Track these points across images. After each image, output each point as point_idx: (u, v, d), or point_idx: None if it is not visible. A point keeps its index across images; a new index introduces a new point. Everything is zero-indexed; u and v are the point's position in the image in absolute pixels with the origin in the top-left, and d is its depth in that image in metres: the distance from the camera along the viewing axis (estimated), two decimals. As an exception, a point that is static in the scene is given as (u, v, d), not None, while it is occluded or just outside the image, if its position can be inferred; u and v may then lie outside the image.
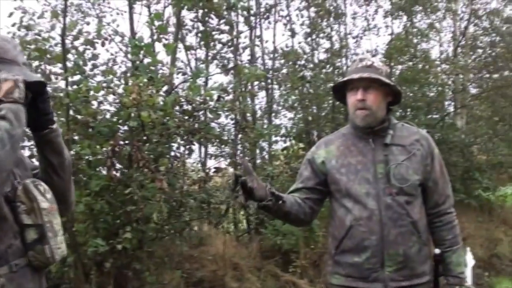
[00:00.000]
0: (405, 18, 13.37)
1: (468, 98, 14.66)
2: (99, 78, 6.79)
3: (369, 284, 3.24)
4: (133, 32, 7.54)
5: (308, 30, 11.16)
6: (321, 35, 11.47)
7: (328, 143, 3.48)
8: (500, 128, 14.42)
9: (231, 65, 8.68)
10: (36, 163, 2.76)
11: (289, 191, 3.49)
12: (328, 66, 11.41)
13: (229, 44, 8.78)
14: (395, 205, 3.21)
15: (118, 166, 6.48)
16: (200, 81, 7.43)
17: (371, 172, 3.26)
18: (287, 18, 11.22)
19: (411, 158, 3.30)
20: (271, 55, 10.30)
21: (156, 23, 6.55)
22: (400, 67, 13.27)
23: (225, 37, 8.74)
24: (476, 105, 14.95)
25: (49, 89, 6.08)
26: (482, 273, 11.98)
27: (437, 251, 3.37)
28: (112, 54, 7.50)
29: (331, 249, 3.41)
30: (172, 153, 7.13)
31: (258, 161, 10.04)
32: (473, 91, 15.60)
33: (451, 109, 15.07)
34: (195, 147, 8.26)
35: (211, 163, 8.90)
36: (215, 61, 8.88)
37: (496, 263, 12.72)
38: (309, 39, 11.21)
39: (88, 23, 7.38)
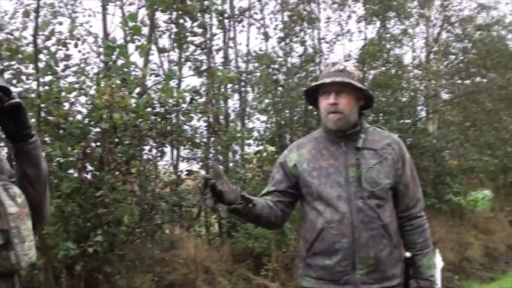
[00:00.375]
0: (378, 23, 13.44)
1: (440, 103, 14.81)
2: (71, 79, 6.74)
3: (340, 287, 3.25)
4: (106, 33, 7.49)
5: (282, 34, 11.17)
6: (295, 39, 11.48)
7: (300, 146, 3.48)
8: (472, 134, 14.59)
9: (204, 67, 8.66)
10: None
11: (261, 194, 3.48)
12: (301, 70, 11.43)
13: (203, 46, 8.76)
14: (366, 209, 3.23)
15: (89, 168, 6.42)
16: (173, 83, 7.41)
17: (343, 176, 3.27)
18: (261, 21, 11.26)
19: (383, 162, 3.32)
20: (245, 58, 10.30)
21: (130, 24, 6.50)
22: (373, 72, 13.35)
23: (198, 40, 8.74)
24: (448, 110, 15.09)
25: (18, 90, 6.07)
26: (453, 276, 12.10)
27: (408, 254, 3.39)
28: (84, 55, 7.46)
29: (302, 251, 3.42)
30: (144, 156, 7.09)
31: (231, 164, 10.04)
32: (445, 96, 15.76)
33: (423, 114, 15.23)
34: (167, 149, 8.23)
35: (183, 166, 8.87)
36: (188, 63, 8.85)
37: (467, 266, 12.86)
38: (282, 43, 11.23)
39: (60, 23, 7.30)
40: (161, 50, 8.58)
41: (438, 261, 3.53)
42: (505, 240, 15.29)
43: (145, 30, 8.17)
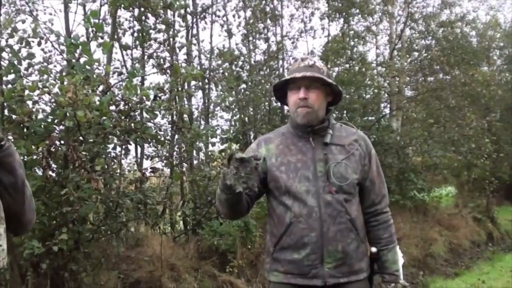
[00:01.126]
0: (342, 20, 13.52)
1: (404, 100, 14.93)
2: (35, 77, 6.70)
3: (308, 281, 3.29)
4: (68, 31, 7.46)
5: (245, 31, 11.21)
6: (258, 36, 11.53)
7: (268, 141, 3.53)
8: (435, 130, 14.70)
9: (167, 64, 8.66)
10: None
11: None
12: (265, 67, 11.47)
13: (166, 43, 8.76)
14: (334, 203, 3.29)
15: (54, 166, 6.40)
16: (136, 80, 7.40)
17: (311, 170, 3.33)
18: (224, 18, 11.28)
19: (350, 158, 3.39)
20: (208, 55, 10.31)
21: (92, 21, 6.49)
22: (336, 69, 13.45)
23: (161, 37, 8.75)
24: (412, 107, 15.23)
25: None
26: (417, 272, 12.24)
27: (373, 249, 3.47)
28: (46, 53, 7.42)
29: (269, 246, 3.46)
30: (109, 154, 7.08)
31: (195, 162, 10.06)
32: (409, 93, 15.90)
33: (387, 111, 15.35)
34: (132, 147, 8.22)
35: (147, 164, 8.87)
36: (151, 61, 8.85)
37: (431, 262, 13.00)
38: (245, 40, 11.26)
39: (23, 21, 7.25)
40: (124, 48, 8.57)
41: (400, 257, 3.60)
42: (469, 236, 15.49)
43: (108, 28, 8.19)
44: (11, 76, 6.35)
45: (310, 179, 3.31)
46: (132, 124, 6.48)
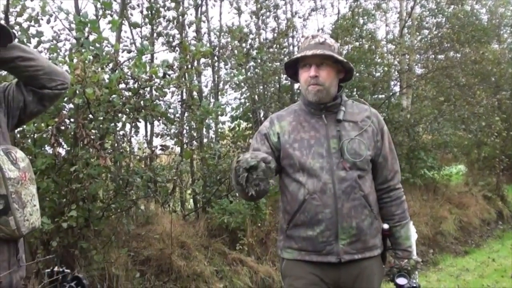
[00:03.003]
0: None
1: (414, 78, 14.84)
2: (44, 55, 6.68)
3: (323, 257, 3.31)
4: (77, 9, 7.44)
5: (254, 8, 11.14)
6: (268, 13, 11.46)
7: (280, 118, 3.53)
8: (445, 108, 14.61)
9: (176, 42, 8.63)
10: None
11: None
12: (274, 46, 11.42)
13: (175, 21, 8.72)
14: (348, 179, 3.29)
15: (63, 144, 6.41)
16: (145, 58, 7.38)
17: (325, 147, 3.33)
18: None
19: (363, 134, 3.39)
20: (217, 33, 10.26)
21: (101, -1, 6.47)
22: (346, 47, 13.36)
23: (171, 14, 8.71)
24: (422, 85, 15.14)
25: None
26: (427, 250, 12.26)
27: (385, 226, 3.48)
28: (55, 32, 7.41)
29: (282, 224, 3.46)
30: (119, 131, 7.09)
31: (205, 140, 10.06)
32: (419, 71, 15.80)
33: (397, 89, 15.28)
34: (141, 125, 8.22)
35: (157, 142, 8.88)
36: (161, 38, 8.80)
37: (441, 240, 13.00)
38: (254, 18, 11.20)
39: (31, -1, 7.25)
40: (134, 25, 8.53)
41: (413, 233, 3.60)
42: (479, 214, 15.46)
43: (117, 5, 8.16)
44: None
45: (323, 156, 3.31)
46: (142, 102, 6.48)
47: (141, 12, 8.68)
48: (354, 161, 3.31)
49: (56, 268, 2.63)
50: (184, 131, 8.14)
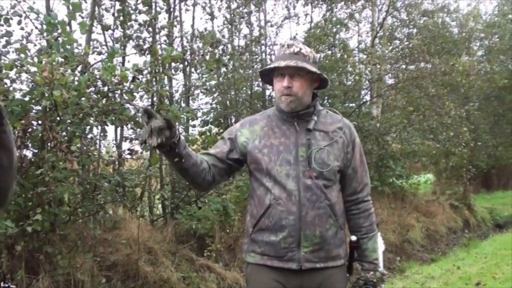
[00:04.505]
0: (324, 7, 13.48)
1: (384, 88, 14.97)
2: (13, 56, 6.63)
3: (284, 263, 3.30)
4: (48, 10, 7.36)
5: (228, 15, 11.14)
6: (240, 20, 11.46)
7: (253, 122, 3.52)
8: (415, 118, 14.82)
9: (147, 45, 8.57)
10: None
11: (201, 152, 3.55)
12: (246, 53, 11.41)
13: (147, 24, 8.66)
14: (314, 187, 3.29)
15: (30, 146, 6.34)
16: (117, 61, 7.32)
17: (293, 154, 3.33)
18: (206, 0, 11.15)
19: (333, 145, 3.39)
20: (189, 38, 10.21)
21: (71, 0, 6.39)
22: (318, 55, 13.40)
23: (142, 18, 8.65)
24: (392, 95, 15.28)
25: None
26: (394, 257, 12.37)
27: (353, 237, 3.48)
28: (26, 32, 7.32)
29: (248, 227, 3.46)
30: (88, 135, 7.02)
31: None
32: (389, 81, 15.95)
33: (367, 98, 15.38)
34: (111, 129, 8.15)
35: (127, 146, 8.80)
36: (132, 42, 8.73)
37: (408, 248, 13.15)
38: (227, 25, 11.19)
39: (2, -2, 7.16)
40: (105, 28, 8.46)
41: (380, 244, 3.61)
42: (446, 223, 15.71)
43: (88, 7, 8.10)
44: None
45: (291, 163, 3.31)
46: (110, 106, 6.40)
47: (113, 14, 8.61)
48: (320, 171, 3.31)
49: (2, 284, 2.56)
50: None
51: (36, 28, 7.07)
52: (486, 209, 19.01)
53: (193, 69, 9.77)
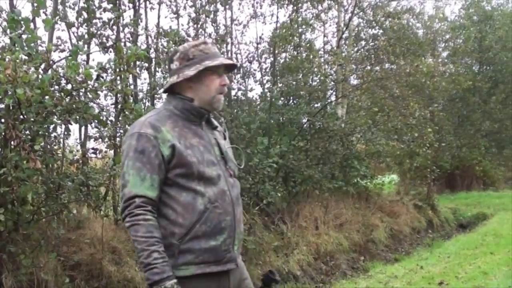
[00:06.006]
0: (290, 7, 13.51)
1: (349, 88, 15.07)
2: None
3: (223, 266, 3.20)
4: (12, 7, 7.30)
5: (193, 13, 11.11)
6: (206, 19, 11.43)
7: (161, 123, 3.20)
8: (379, 119, 14.92)
9: (110, 43, 8.52)
10: None
11: (144, 194, 3.07)
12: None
13: (111, 22, 8.60)
14: (236, 185, 3.34)
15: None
16: (81, 59, 7.28)
17: (213, 154, 3.26)
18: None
19: (229, 143, 3.47)
20: (154, 36, 10.15)
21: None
22: (284, 55, 13.48)
23: (107, 16, 8.60)
24: (357, 95, 15.40)
25: None
26: (358, 257, 12.47)
27: None
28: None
29: (170, 240, 3.12)
30: (51, 133, 6.97)
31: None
32: (354, 82, 16.07)
33: (333, 98, 15.46)
34: (75, 127, 8.10)
35: (91, 145, 8.74)
36: (96, 39, 8.65)
37: (372, 248, 13.25)
38: (192, 24, 11.16)
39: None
40: (69, 25, 8.39)
41: None
42: (409, 223, 15.85)
43: (51, 4, 8.03)
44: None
45: (215, 163, 3.23)
46: (74, 104, 6.36)
47: (78, 12, 8.54)
48: (234, 169, 3.36)
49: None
50: (118, 134, 8.02)
51: (-1, 25, 7.01)
52: (449, 210, 19.23)
53: (157, 68, 9.74)
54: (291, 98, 13.92)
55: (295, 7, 13.67)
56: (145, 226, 2.97)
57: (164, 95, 3.56)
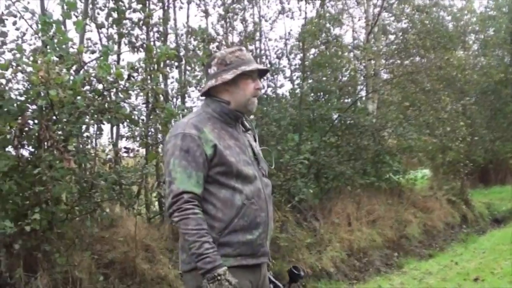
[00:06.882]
0: (318, 2, 13.43)
1: (380, 83, 14.98)
2: (8, 56, 6.65)
3: (257, 259, 3.39)
4: (43, 10, 7.38)
5: (222, 11, 11.12)
6: (235, 17, 11.44)
7: (203, 124, 3.37)
8: (410, 113, 14.77)
9: (139, 43, 8.58)
10: None
11: (192, 191, 3.23)
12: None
13: (141, 23, 8.66)
14: (269, 184, 3.52)
15: (27, 146, 6.37)
16: (112, 60, 7.34)
17: (247, 155, 3.44)
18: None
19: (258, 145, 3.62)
20: (183, 35, 10.20)
21: (66, -1, 6.42)
22: (313, 51, 13.43)
23: (136, 16, 8.66)
24: (387, 90, 15.29)
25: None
26: (392, 253, 12.37)
27: None
28: (21, 32, 7.34)
29: (211, 234, 3.25)
30: (84, 133, 7.06)
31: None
32: (385, 76, 15.96)
33: (363, 93, 15.37)
34: (107, 127, 8.18)
35: (123, 144, 8.82)
36: (126, 40, 8.71)
37: (405, 244, 13.13)
38: (222, 21, 11.17)
39: (-5, -1, 7.16)
40: (99, 26, 8.47)
41: None
42: (443, 218, 15.67)
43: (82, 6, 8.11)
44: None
45: (249, 163, 3.41)
46: (106, 104, 6.44)
47: (108, 13, 8.60)
48: (266, 169, 3.54)
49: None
50: (149, 133, 8.08)
51: (31, 27, 7.10)
52: (483, 204, 18.98)
53: (187, 66, 9.78)
54: (322, 93, 13.86)
55: (322, 2, 13.56)
56: (195, 219, 3.14)
57: (193, 94, 3.76)
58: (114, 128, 8.88)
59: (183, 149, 3.24)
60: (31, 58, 6.25)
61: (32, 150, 6.41)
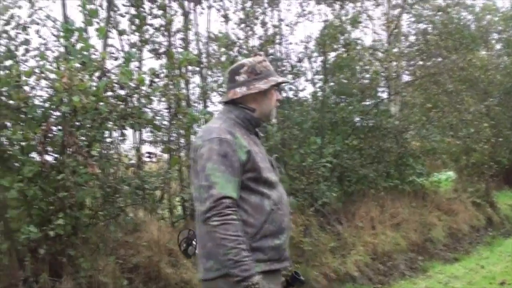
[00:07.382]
0: (338, 5, 13.39)
1: (402, 85, 14.91)
2: (32, 63, 6.73)
3: (281, 264, 3.45)
4: (65, 17, 7.46)
5: (242, 16, 11.13)
6: (255, 21, 11.43)
7: (234, 129, 3.42)
8: (433, 115, 14.68)
9: (162, 49, 8.64)
10: None
11: (231, 195, 3.24)
12: (262, 53, 11.38)
13: (162, 29, 8.71)
14: (285, 191, 3.59)
15: (50, 151, 6.44)
16: (134, 66, 7.39)
17: (268, 162, 3.51)
18: (221, 3, 11.16)
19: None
20: (205, 40, 10.24)
21: (88, 7, 6.49)
22: (333, 53, 13.39)
23: (157, 22, 8.71)
24: (409, 92, 15.22)
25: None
26: (416, 257, 12.27)
27: None
28: (44, 39, 7.42)
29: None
30: (107, 139, 7.12)
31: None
32: (406, 78, 15.88)
33: (385, 95, 15.31)
34: (130, 132, 8.23)
35: (146, 149, 8.87)
36: (148, 46, 8.77)
37: (430, 247, 13.02)
38: (242, 25, 11.18)
39: (20, 7, 7.25)
40: (121, 33, 8.53)
41: None
42: (468, 221, 15.50)
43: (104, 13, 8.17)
44: (8, 63, 6.38)
45: (271, 170, 3.49)
46: (128, 109, 6.50)
47: (130, 20, 8.67)
48: (279, 177, 3.59)
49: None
50: (172, 138, 8.13)
51: (54, 35, 7.18)
52: (509, 206, 18.76)
53: (209, 71, 9.83)
54: (343, 96, 13.82)
55: (342, 5, 13.50)
56: (235, 226, 3.15)
57: (215, 99, 3.86)
58: (137, 133, 8.94)
59: (221, 154, 3.25)
60: (54, 65, 6.33)
61: (56, 156, 6.48)
